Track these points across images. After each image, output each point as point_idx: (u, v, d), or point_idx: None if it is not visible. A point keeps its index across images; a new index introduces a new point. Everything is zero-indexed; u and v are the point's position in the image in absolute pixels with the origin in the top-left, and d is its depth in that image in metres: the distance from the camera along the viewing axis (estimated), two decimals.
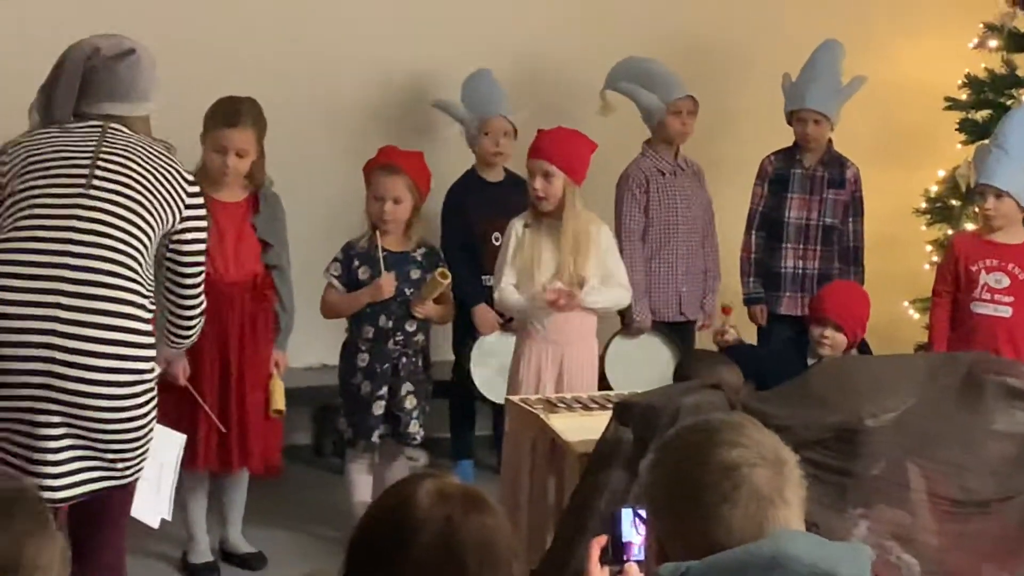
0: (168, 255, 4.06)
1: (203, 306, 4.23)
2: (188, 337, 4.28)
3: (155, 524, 4.37)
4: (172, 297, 4.16)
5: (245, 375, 5.03)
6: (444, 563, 2.02)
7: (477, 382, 5.71)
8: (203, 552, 5.10)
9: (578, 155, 5.08)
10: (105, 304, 3.75)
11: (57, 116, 4.02)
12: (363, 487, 5.27)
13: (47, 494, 3.61)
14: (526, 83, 6.33)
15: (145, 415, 3.82)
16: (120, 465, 3.79)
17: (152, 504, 4.32)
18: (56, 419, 3.69)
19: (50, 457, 3.71)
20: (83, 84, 4.09)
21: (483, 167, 5.90)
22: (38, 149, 3.99)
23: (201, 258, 4.14)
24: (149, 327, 3.82)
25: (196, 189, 4.07)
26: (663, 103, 5.89)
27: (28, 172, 3.96)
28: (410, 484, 2.13)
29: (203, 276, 4.20)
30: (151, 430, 3.86)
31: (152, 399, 3.85)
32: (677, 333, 5.94)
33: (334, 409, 5.53)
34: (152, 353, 3.84)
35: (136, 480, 3.87)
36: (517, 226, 5.07)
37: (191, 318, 4.21)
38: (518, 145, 5.83)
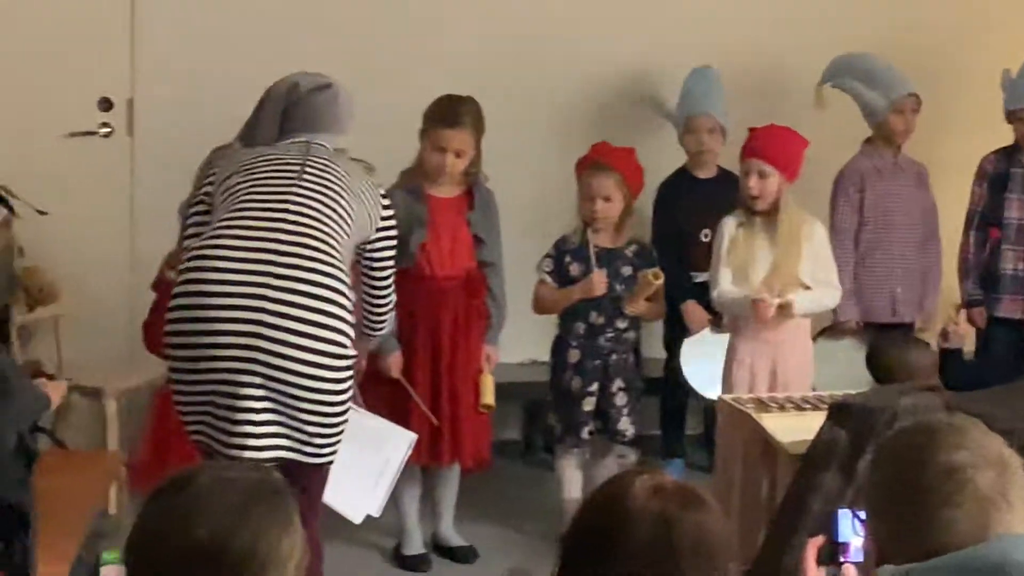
0: (364, 261, 4.25)
1: (393, 302, 4.38)
2: (380, 329, 4.44)
3: (358, 520, 4.49)
4: (366, 295, 4.33)
5: (457, 369, 5.07)
6: (658, 560, 2.00)
7: (688, 379, 5.65)
8: (416, 544, 5.16)
9: (793, 153, 5.05)
10: (310, 287, 3.86)
11: (260, 145, 4.28)
12: (573, 484, 5.25)
13: (248, 453, 3.83)
14: (739, 79, 6.22)
15: (341, 400, 3.94)
16: (316, 441, 3.90)
17: (364, 498, 4.48)
18: (258, 380, 3.81)
19: (253, 417, 3.84)
20: (284, 118, 4.29)
21: (694, 164, 5.86)
22: (250, 154, 4.21)
23: (391, 262, 4.29)
24: (348, 314, 3.94)
25: (388, 203, 4.22)
26: (886, 100, 5.76)
27: (243, 168, 4.14)
28: (626, 479, 2.12)
29: (393, 276, 4.34)
30: (345, 418, 3.98)
31: (349, 386, 3.95)
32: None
33: (544, 405, 5.55)
34: (350, 338, 3.94)
35: (328, 464, 3.96)
36: (730, 225, 5.05)
37: (383, 313, 4.38)
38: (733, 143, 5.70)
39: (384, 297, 4.40)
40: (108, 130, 5.94)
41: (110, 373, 5.47)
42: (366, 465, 4.46)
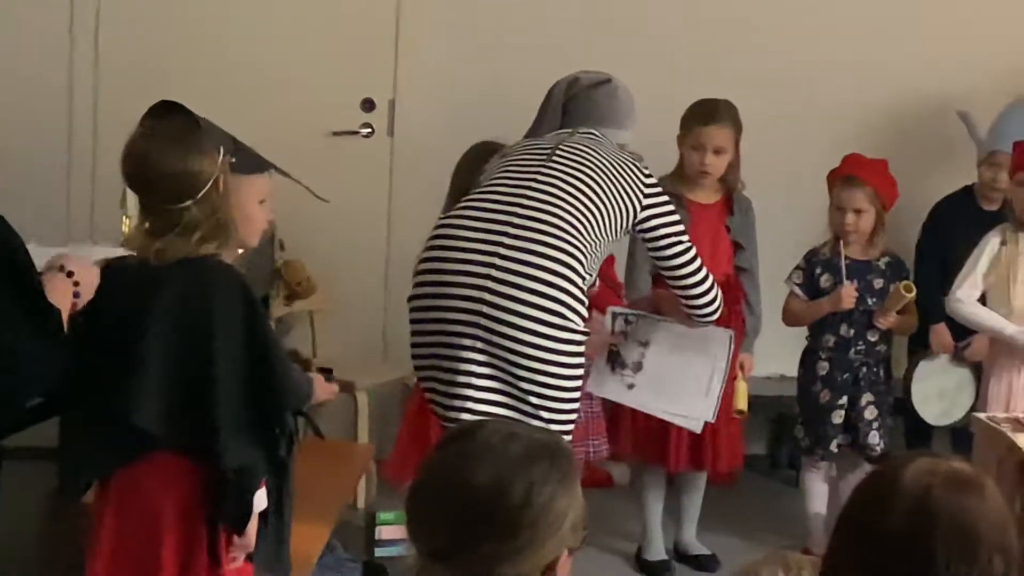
0: (647, 246, 4.27)
1: (704, 286, 4.32)
2: (701, 316, 4.41)
3: (698, 428, 4.58)
4: (667, 281, 4.40)
5: None
6: (913, 537, 1.94)
7: (914, 396, 5.51)
8: (658, 550, 5.13)
9: None
10: (540, 259, 3.91)
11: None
12: (819, 497, 5.19)
13: (465, 415, 3.88)
14: None
15: (567, 374, 3.96)
16: (542, 415, 3.91)
17: (698, 404, 4.52)
18: (479, 344, 3.89)
19: (473, 381, 3.92)
20: (564, 113, 4.39)
21: (983, 195, 5.75)
22: (517, 145, 4.33)
23: (678, 249, 4.24)
24: (580, 291, 3.96)
25: (654, 182, 4.19)
26: None
27: (503, 156, 4.27)
28: (906, 458, 2.05)
29: (690, 268, 4.28)
30: (575, 394, 4.02)
31: (577, 361, 3.98)
32: None
33: (791, 419, 5.48)
34: (579, 315, 3.96)
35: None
36: (993, 241, 4.93)
37: (691, 297, 4.35)
38: None
39: (681, 279, 4.36)
40: (369, 130, 6.05)
41: (362, 367, 5.55)
42: (693, 372, 4.52)
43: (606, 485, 5.54)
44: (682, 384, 4.53)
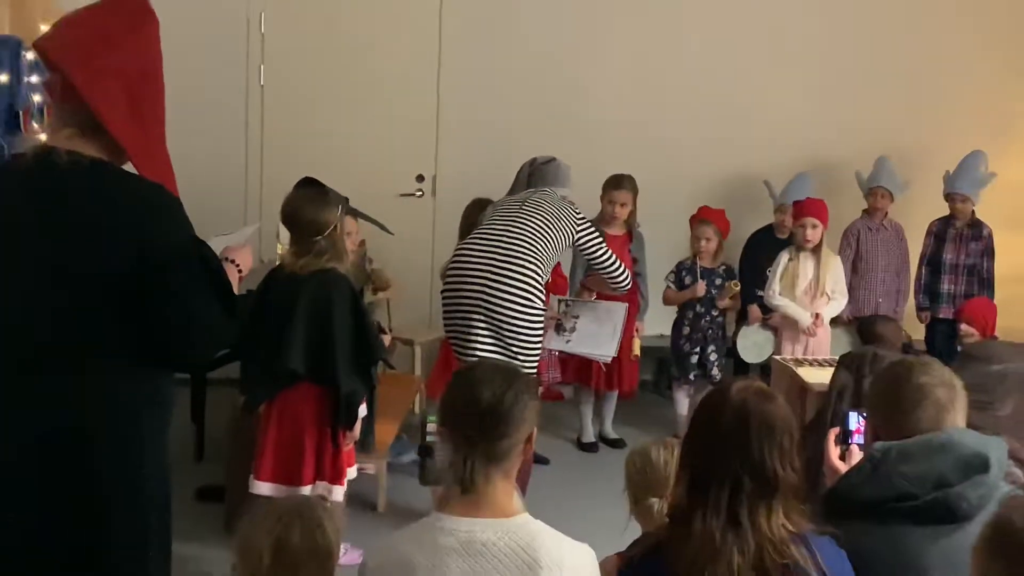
0: (583, 254, 4.65)
1: (617, 271, 4.64)
2: (619, 285, 4.74)
3: (608, 360, 4.96)
4: (598, 271, 4.70)
5: (624, 335, 5.18)
6: (736, 430, 2.04)
7: (739, 346, 6.00)
8: (589, 436, 5.74)
9: (827, 214, 5.53)
10: (516, 268, 4.21)
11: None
12: (683, 405, 5.74)
13: (475, 352, 4.19)
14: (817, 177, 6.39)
15: (532, 332, 4.22)
16: (519, 357, 4.19)
17: (606, 346, 4.88)
18: (483, 318, 4.24)
19: (479, 337, 4.25)
20: (528, 179, 4.78)
21: (779, 229, 6.17)
22: (500, 199, 4.61)
23: (599, 252, 4.59)
24: (538, 286, 4.24)
25: (583, 217, 4.49)
26: (866, 188, 6.17)
27: (494, 206, 4.55)
28: (729, 383, 2.15)
29: (608, 260, 4.65)
30: (538, 343, 4.29)
31: (539, 324, 4.24)
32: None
33: (667, 360, 6.10)
34: (540, 298, 4.23)
35: (532, 368, 4.24)
36: (784, 258, 5.55)
37: (612, 279, 4.70)
38: None
39: (604, 267, 4.64)
40: (420, 194, 6.63)
41: (416, 331, 6.04)
42: (603, 329, 4.87)
43: (559, 399, 5.85)
44: (597, 338, 4.89)
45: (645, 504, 2.53)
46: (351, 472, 3.92)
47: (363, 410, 3.84)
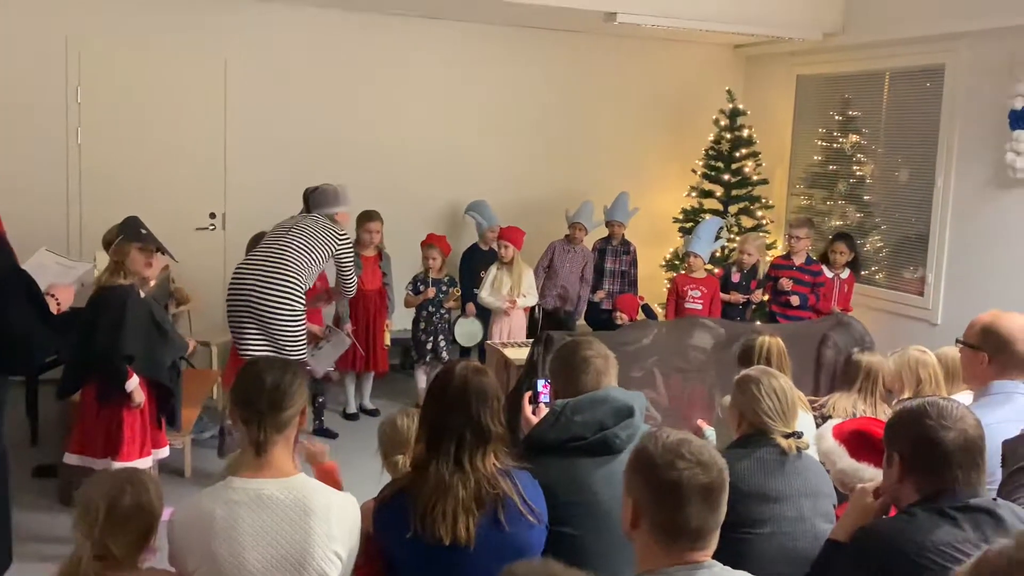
0: (336, 266, 4.56)
1: (354, 285, 4.61)
2: (349, 292, 4.65)
3: (320, 374, 4.84)
4: (339, 279, 4.62)
5: (378, 328, 5.34)
6: (460, 397, 2.05)
7: (456, 336, 5.97)
8: (352, 407, 5.68)
9: (520, 238, 5.78)
10: (281, 277, 4.10)
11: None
12: (422, 380, 5.69)
13: (250, 350, 4.02)
14: (512, 204, 6.51)
15: (296, 329, 4.08)
16: (287, 349, 4.11)
17: (325, 365, 4.86)
18: (253, 321, 4.12)
19: (251, 338, 4.15)
20: (306, 203, 4.55)
21: (484, 244, 6.17)
22: (280, 222, 4.36)
23: (347, 268, 4.56)
24: (300, 293, 4.14)
25: (344, 235, 4.33)
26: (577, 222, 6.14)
27: (273, 229, 4.29)
28: (455, 363, 2.14)
29: (350, 275, 4.62)
30: (302, 337, 4.14)
31: (301, 322, 4.10)
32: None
33: (410, 347, 5.96)
34: (300, 303, 4.10)
35: (299, 358, 4.07)
36: (493, 269, 5.76)
37: (348, 289, 4.64)
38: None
39: (346, 282, 4.65)
40: (213, 227, 6.34)
41: (213, 335, 5.82)
42: (332, 353, 4.93)
43: (332, 381, 5.69)
44: (326, 358, 4.85)
45: (392, 460, 2.50)
46: (164, 452, 3.83)
47: (170, 394, 3.74)
